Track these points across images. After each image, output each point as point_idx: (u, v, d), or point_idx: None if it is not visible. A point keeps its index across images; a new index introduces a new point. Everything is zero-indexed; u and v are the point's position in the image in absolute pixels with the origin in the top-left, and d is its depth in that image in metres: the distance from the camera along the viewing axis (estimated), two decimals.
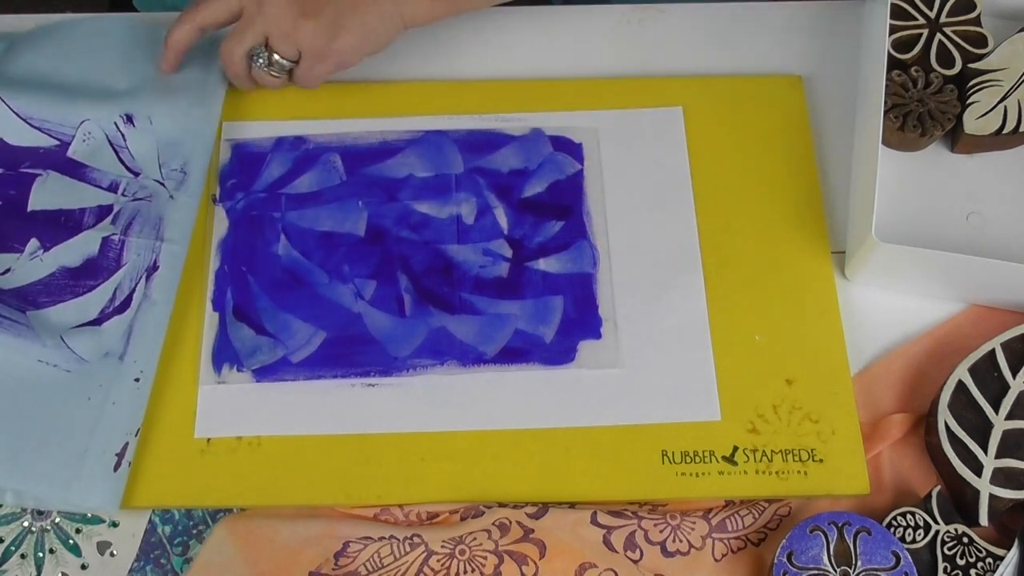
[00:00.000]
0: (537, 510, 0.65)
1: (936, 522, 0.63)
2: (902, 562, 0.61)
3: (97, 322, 0.67)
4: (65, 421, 0.64)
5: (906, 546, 0.62)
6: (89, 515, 0.65)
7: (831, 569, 0.61)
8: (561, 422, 0.67)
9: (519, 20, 0.80)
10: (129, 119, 0.71)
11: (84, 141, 0.71)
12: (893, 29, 0.75)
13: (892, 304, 0.72)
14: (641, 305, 0.70)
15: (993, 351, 0.67)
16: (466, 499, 0.65)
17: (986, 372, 0.67)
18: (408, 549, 0.63)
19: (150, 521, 0.65)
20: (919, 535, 0.63)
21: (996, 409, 0.66)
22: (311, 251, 0.72)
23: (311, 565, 0.63)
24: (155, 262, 0.68)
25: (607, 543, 0.64)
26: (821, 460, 0.66)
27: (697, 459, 0.66)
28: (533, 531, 0.64)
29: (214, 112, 0.74)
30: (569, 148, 0.75)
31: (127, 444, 0.64)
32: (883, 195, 0.72)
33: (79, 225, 0.69)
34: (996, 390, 0.66)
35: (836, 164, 0.76)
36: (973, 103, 0.74)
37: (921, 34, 0.76)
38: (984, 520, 0.63)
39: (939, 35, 0.76)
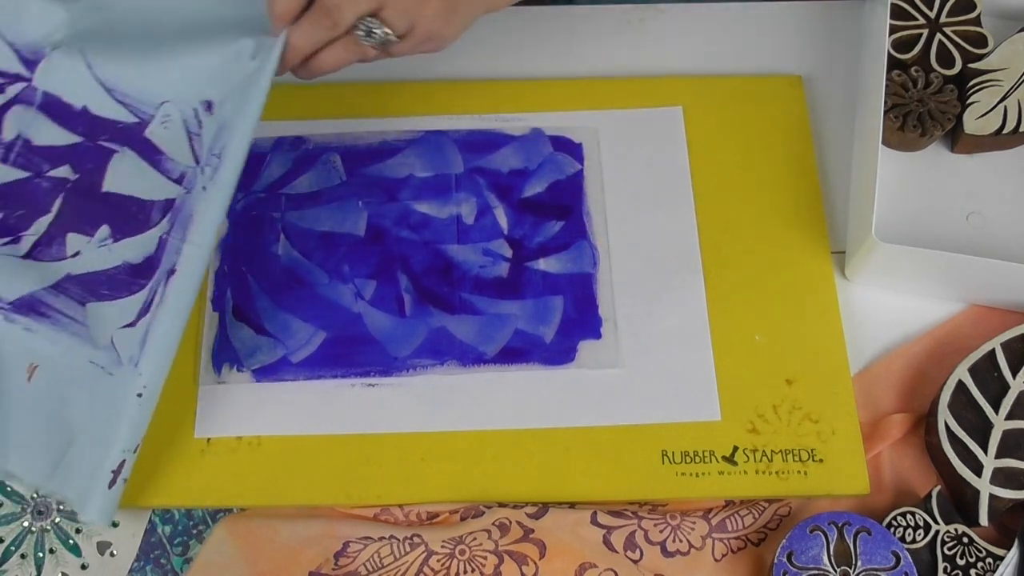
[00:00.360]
0: (537, 510, 0.65)
1: (936, 522, 0.63)
2: (902, 562, 0.61)
3: (132, 324, 0.63)
4: (99, 427, 0.62)
5: (906, 546, 0.62)
6: None
7: (831, 569, 0.61)
8: (561, 422, 0.67)
9: (519, 20, 0.80)
10: (208, 106, 0.66)
11: (163, 124, 0.66)
12: (893, 29, 0.75)
13: (892, 304, 0.72)
14: (641, 305, 0.70)
15: (993, 351, 0.67)
16: (466, 499, 0.65)
17: (986, 372, 0.67)
18: (408, 549, 0.63)
19: (150, 521, 0.65)
20: (919, 535, 0.63)
21: (996, 409, 0.66)
22: (311, 251, 0.72)
23: (311, 565, 0.63)
24: (174, 266, 0.63)
25: (607, 543, 0.64)
26: (821, 460, 0.66)
27: (697, 459, 0.66)
28: (533, 531, 0.64)
29: (262, 94, 0.65)
30: (569, 148, 0.75)
31: (124, 462, 0.61)
32: (883, 195, 0.72)
33: (148, 221, 0.65)
34: (996, 390, 0.66)
35: (836, 164, 0.76)
36: (973, 103, 0.74)
37: (921, 34, 0.76)
38: (984, 520, 0.63)
39: (939, 35, 0.76)
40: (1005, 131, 0.73)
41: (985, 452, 0.65)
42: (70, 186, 0.66)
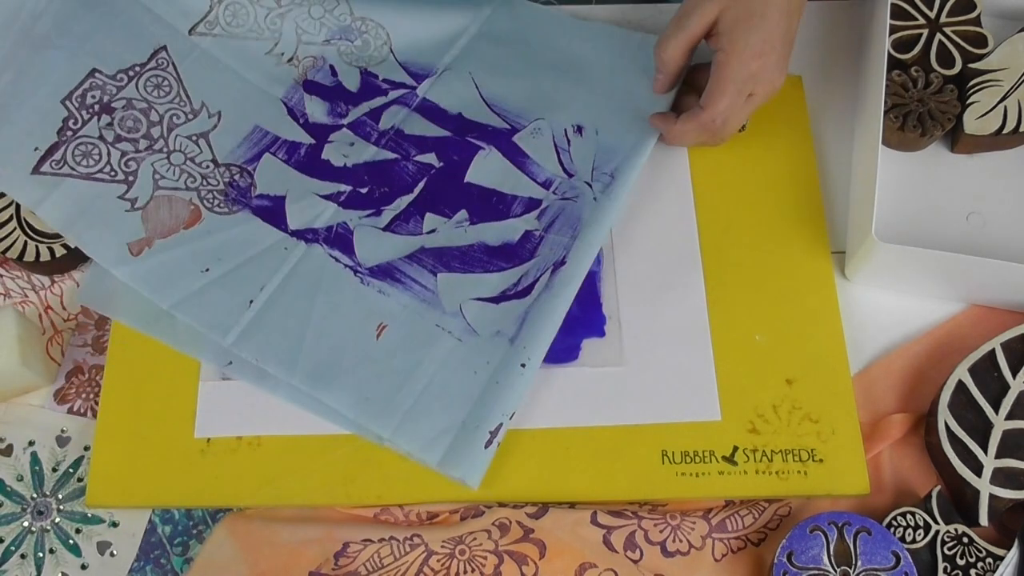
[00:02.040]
0: (537, 510, 0.65)
1: (936, 522, 0.63)
2: (902, 562, 0.61)
3: (495, 300, 0.68)
4: (451, 388, 0.66)
5: (906, 546, 0.62)
6: (89, 515, 0.65)
7: (831, 569, 0.61)
8: (564, 421, 0.67)
9: None
10: (579, 129, 0.73)
11: (532, 133, 0.73)
12: (893, 29, 0.75)
13: (892, 304, 0.72)
14: (643, 304, 0.70)
15: (993, 351, 0.67)
16: (466, 499, 0.65)
17: (986, 372, 0.67)
18: (408, 549, 0.63)
19: (150, 521, 0.65)
20: (919, 535, 0.63)
21: (996, 409, 0.66)
22: None
23: (311, 565, 0.63)
24: (564, 258, 0.69)
25: (607, 543, 0.64)
26: (821, 460, 0.66)
27: (697, 459, 0.66)
28: (533, 531, 0.64)
29: (648, 148, 0.73)
30: None
31: (501, 425, 0.64)
32: (883, 195, 0.72)
33: (507, 211, 0.71)
34: (996, 390, 0.66)
35: (836, 164, 0.76)
36: (973, 103, 0.74)
37: (921, 34, 0.76)
38: (984, 520, 0.63)
39: (939, 35, 0.76)
40: (1005, 131, 0.73)
41: (985, 452, 0.65)
42: (434, 172, 0.72)
